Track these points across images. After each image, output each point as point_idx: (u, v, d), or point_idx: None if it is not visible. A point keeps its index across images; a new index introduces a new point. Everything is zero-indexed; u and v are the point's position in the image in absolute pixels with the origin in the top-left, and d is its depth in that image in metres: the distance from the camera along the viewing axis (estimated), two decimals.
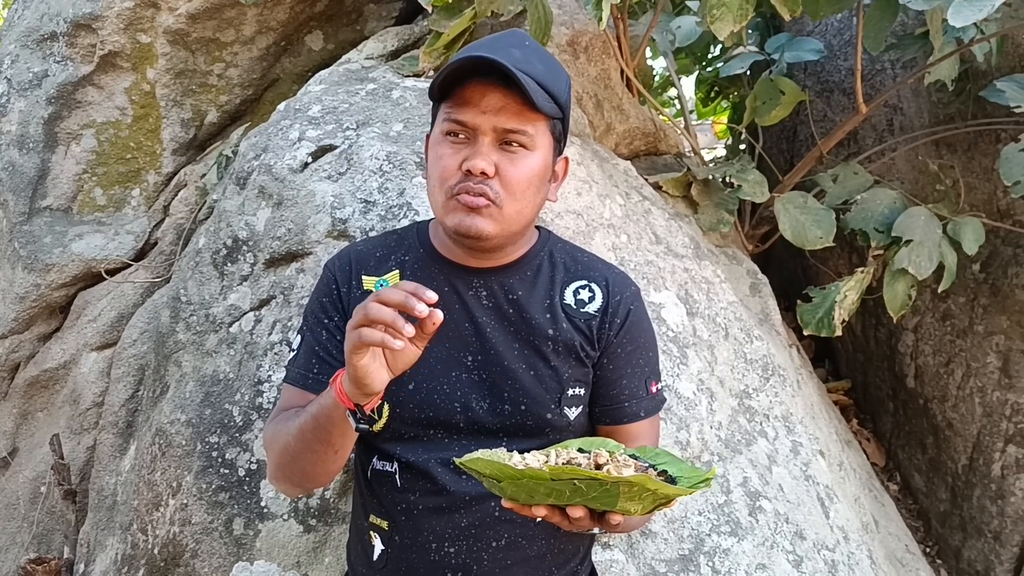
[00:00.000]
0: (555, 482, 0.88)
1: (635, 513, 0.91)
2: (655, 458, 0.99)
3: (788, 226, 2.38)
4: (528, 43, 1.13)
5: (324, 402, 1.07)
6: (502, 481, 0.90)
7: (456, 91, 1.10)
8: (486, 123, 1.08)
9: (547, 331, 1.20)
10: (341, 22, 2.58)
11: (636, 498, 0.89)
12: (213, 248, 1.94)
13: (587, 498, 0.89)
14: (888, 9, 2.19)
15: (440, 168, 1.12)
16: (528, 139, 1.11)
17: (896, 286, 2.31)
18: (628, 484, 0.86)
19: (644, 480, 0.86)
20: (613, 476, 0.86)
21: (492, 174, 1.09)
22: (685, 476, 0.94)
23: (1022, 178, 2.18)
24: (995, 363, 2.70)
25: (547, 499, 0.90)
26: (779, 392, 2.04)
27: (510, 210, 1.12)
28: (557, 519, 0.93)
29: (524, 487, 0.89)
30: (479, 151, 1.09)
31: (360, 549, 1.29)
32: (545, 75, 1.10)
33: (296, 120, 1.97)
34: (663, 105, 4.28)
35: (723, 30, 1.97)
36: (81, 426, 2.38)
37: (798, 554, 1.73)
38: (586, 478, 0.87)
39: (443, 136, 1.12)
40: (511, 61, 1.06)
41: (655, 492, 0.88)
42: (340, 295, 1.22)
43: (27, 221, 2.44)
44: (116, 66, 2.44)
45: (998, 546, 2.73)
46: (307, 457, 1.13)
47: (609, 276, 1.26)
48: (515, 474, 0.88)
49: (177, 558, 1.75)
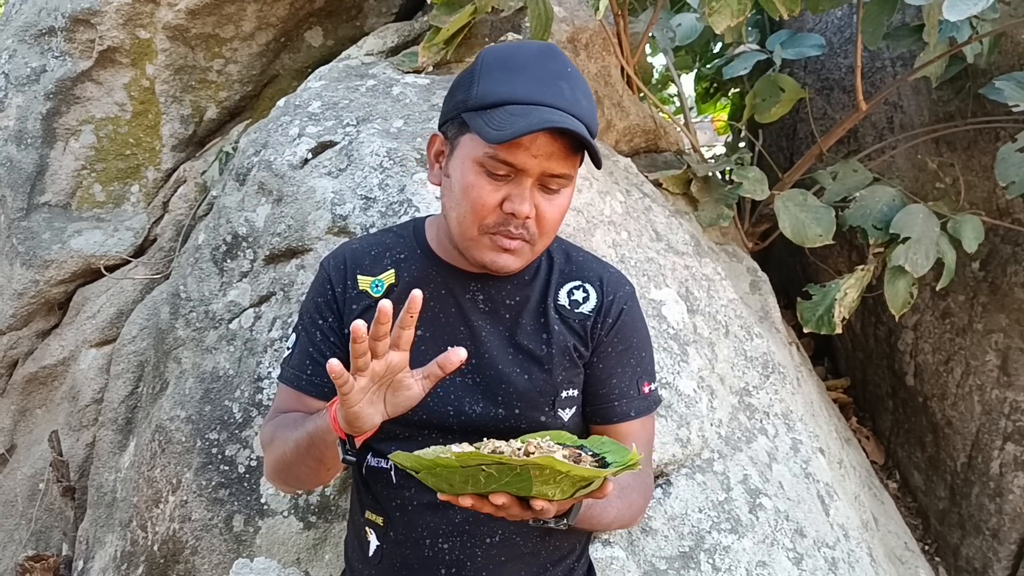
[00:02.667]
0: (466, 469, 0.88)
1: (554, 497, 0.91)
2: (600, 447, 0.99)
3: (788, 224, 2.38)
4: (570, 69, 1.10)
5: (319, 423, 1.07)
6: (420, 472, 0.90)
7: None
8: (535, 168, 1.06)
9: (541, 335, 1.20)
10: (341, 18, 2.57)
11: (551, 481, 0.88)
12: (213, 244, 1.93)
13: (502, 484, 0.89)
14: (886, 4, 2.20)
15: (477, 202, 1.08)
16: (569, 180, 1.10)
17: (897, 284, 2.31)
18: (537, 467, 0.86)
19: (552, 462, 0.85)
20: (517, 460, 0.86)
21: (532, 216, 1.09)
22: (619, 462, 0.94)
23: (1017, 178, 2.17)
24: (994, 361, 2.70)
25: (466, 487, 0.90)
26: (779, 390, 2.04)
27: (540, 246, 1.14)
28: (488, 509, 0.93)
29: (441, 476, 0.90)
30: (523, 195, 1.07)
31: (356, 545, 1.29)
32: (588, 112, 1.08)
33: (296, 116, 1.96)
34: (663, 102, 4.27)
35: (721, 24, 1.97)
36: (80, 423, 2.37)
37: (798, 551, 1.73)
38: (493, 463, 0.86)
39: (480, 167, 1.08)
40: (564, 103, 1.04)
41: (568, 475, 0.87)
42: (335, 295, 1.22)
43: (25, 217, 2.44)
44: (115, 62, 2.43)
45: (996, 544, 2.73)
46: (301, 469, 1.14)
47: (604, 275, 1.26)
48: (428, 464, 0.88)
49: (177, 555, 1.75)
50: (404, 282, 1.20)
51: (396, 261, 1.23)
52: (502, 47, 1.13)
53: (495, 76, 1.08)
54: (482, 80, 1.08)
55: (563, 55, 1.12)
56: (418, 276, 1.21)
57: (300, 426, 1.12)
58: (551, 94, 1.05)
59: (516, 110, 1.03)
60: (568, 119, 1.03)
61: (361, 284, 1.21)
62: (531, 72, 1.07)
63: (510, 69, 1.07)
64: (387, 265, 1.22)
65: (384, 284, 1.21)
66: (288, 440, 1.13)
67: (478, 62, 1.11)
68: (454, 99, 1.13)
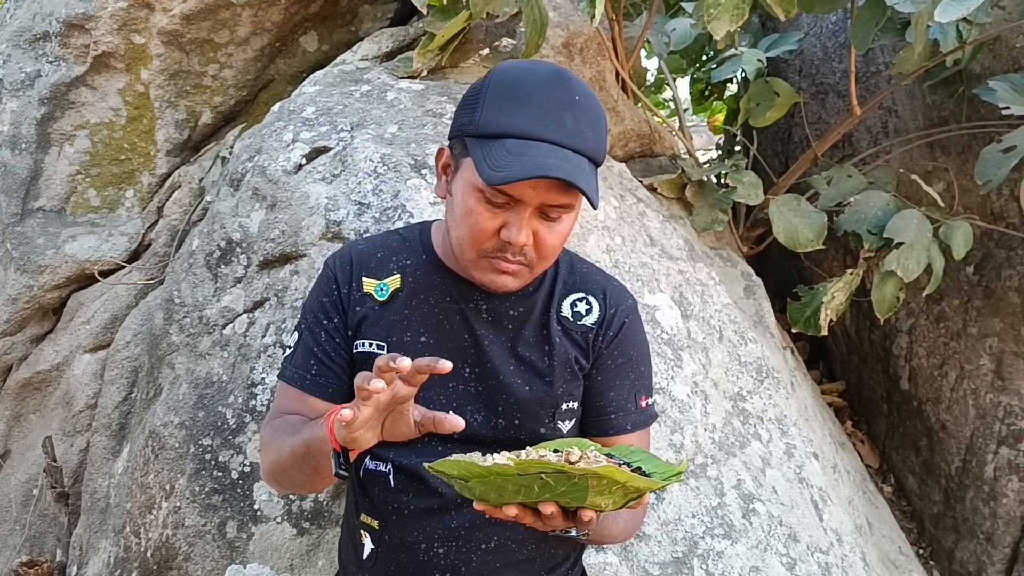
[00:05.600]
0: (522, 477, 0.86)
1: (606, 508, 0.90)
2: (630, 456, 0.98)
3: (781, 228, 2.39)
4: (578, 97, 1.06)
5: (316, 433, 1.06)
6: (470, 481, 0.88)
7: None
8: (534, 198, 1.05)
9: (543, 346, 1.20)
10: (336, 23, 2.57)
11: (606, 492, 0.87)
12: (207, 250, 1.93)
13: (556, 493, 0.87)
14: (877, 9, 2.20)
15: (474, 228, 1.07)
16: (570, 209, 1.09)
17: (885, 288, 2.32)
18: (596, 477, 0.85)
19: (612, 472, 0.84)
20: (580, 468, 0.84)
21: (530, 244, 1.08)
22: (658, 471, 0.93)
23: (993, 177, 2.18)
24: (988, 365, 2.70)
25: (516, 497, 0.88)
26: (773, 394, 2.04)
27: (540, 269, 1.13)
28: (530, 519, 0.92)
29: (492, 485, 0.88)
30: (520, 224, 1.05)
31: (351, 547, 1.29)
32: (592, 143, 1.06)
33: (290, 122, 1.96)
34: (657, 107, 4.28)
35: (720, 30, 1.97)
36: (74, 428, 2.37)
37: (792, 556, 1.73)
38: (553, 471, 0.85)
39: (479, 192, 1.06)
40: (565, 138, 1.03)
41: (625, 485, 0.86)
42: (340, 296, 1.21)
43: (20, 222, 2.43)
44: (110, 67, 2.43)
45: (990, 547, 2.73)
46: (297, 474, 1.14)
47: (607, 288, 1.25)
48: (482, 471, 0.86)
49: (170, 561, 1.74)
50: (409, 287, 1.20)
51: (402, 267, 1.22)
52: (512, 68, 1.10)
53: (499, 103, 1.05)
54: (487, 105, 1.06)
55: (574, 80, 1.08)
56: (423, 282, 1.21)
57: (298, 432, 1.11)
58: (552, 128, 1.03)
59: (514, 147, 1.02)
60: (566, 160, 1.01)
61: (366, 286, 1.21)
62: (535, 102, 1.04)
63: (515, 96, 1.05)
64: (393, 269, 1.22)
65: (389, 288, 1.21)
66: (285, 444, 1.13)
67: (487, 81, 1.08)
68: (460, 119, 1.11)
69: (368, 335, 1.19)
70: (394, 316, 1.19)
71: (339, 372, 1.20)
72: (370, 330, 1.19)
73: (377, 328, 1.19)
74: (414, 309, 1.19)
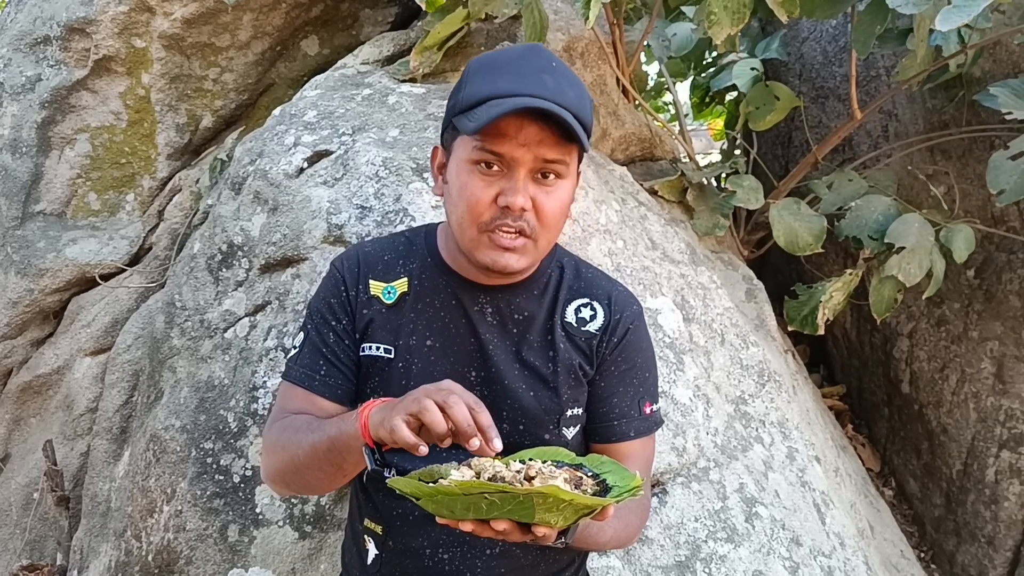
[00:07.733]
0: (468, 496, 0.87)
1: (556, 525, 0.90)
2: (600, 467, 0.98)
3: (781, 232, 2.39)
4: (555, 64, 1.10)
5: (345, 429, 1.05)
6: (420, 499, 0.89)
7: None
8: (525, 156, 1.05)
9: (548, 352, 1.19)
10: (337, 27, 2.57)
11: (554, 509, 0.87)
12: (208, 253, 1.93)
13: (504, 511, 0.88)
14: (878, 13, 2.20)
15: (471, 200, 1.08)
16: (564, 168, 1.08)
17: (882, 289, 2.32)
18: (541, 496, 0.85)
19: (556, 491, 0.84)
20: (521, 488, 0.85)
21: (529, 208, 1.07)
22: (623, 485, 0.92)
23: (1008, 186, 2.18)
24: (989, 369, 2.70)
25: (467, 514, 0.89)
26: (775, 398, 2.04)
27: (543, 242, 1.12)
28: (489, 533, 0.91)
29: (442, 503, 0.89)
30: (517, 187, 1.06)
31: (355, 552, 1.29)
32: (576, 102, 1.07)
33: (292, 125, 1.96)
34: (658, 111, 4.29)
35: (720, 33, 1.97)
36: (75, 432, 2.36)
37: (794, 560, 1.73)
38: (496, 492, 0.85)
39: (472, 165, 1.07)
40: (546, 92, 1.04)
41: (572, 503, 0.86)
42: (348, 298, 1.21)
43: (20, 226, 2.43)
44: (111, 70, 2.43)
45: (992, 551, 2.73)
46: (314, 474, 1.12)
47: (613, 294, 1.25)
48: (429, 492, 0.87)
49: (171, 565, 1.74)
50: (416, 291, 1.20)
51: (409, 270, 1.22)
52: (487, 53, 1.15)
53: (479, 78, 1.09)
54: (468, 84, 1.09)
55: (548, 53, 1.12)
56: (430, 286, 1.20)
57: (318, 430, 1.10)
58: (532, 86, 1.04)
59: (496, 102, 1.04)
60: (547, 104, 1.03)
61: (373, 289, 1.21)
62: (513, 69, 1.08)
63: (494, 69, 1.08)
64: (400, 273, 1.22)
65: (396, 292, 1.20)
66: (302, 443, 1.11)
67: (466, 70, 1.12)
68: (447, 109, 1.14)
69: (375, 338, 1.19)
70: (401, 320, 1.19)
71: (348, 373, 1.20)
72: (377, 333, 1.19)
73: (384, 331, 1.19)
74: (420, 313, 1.19)
